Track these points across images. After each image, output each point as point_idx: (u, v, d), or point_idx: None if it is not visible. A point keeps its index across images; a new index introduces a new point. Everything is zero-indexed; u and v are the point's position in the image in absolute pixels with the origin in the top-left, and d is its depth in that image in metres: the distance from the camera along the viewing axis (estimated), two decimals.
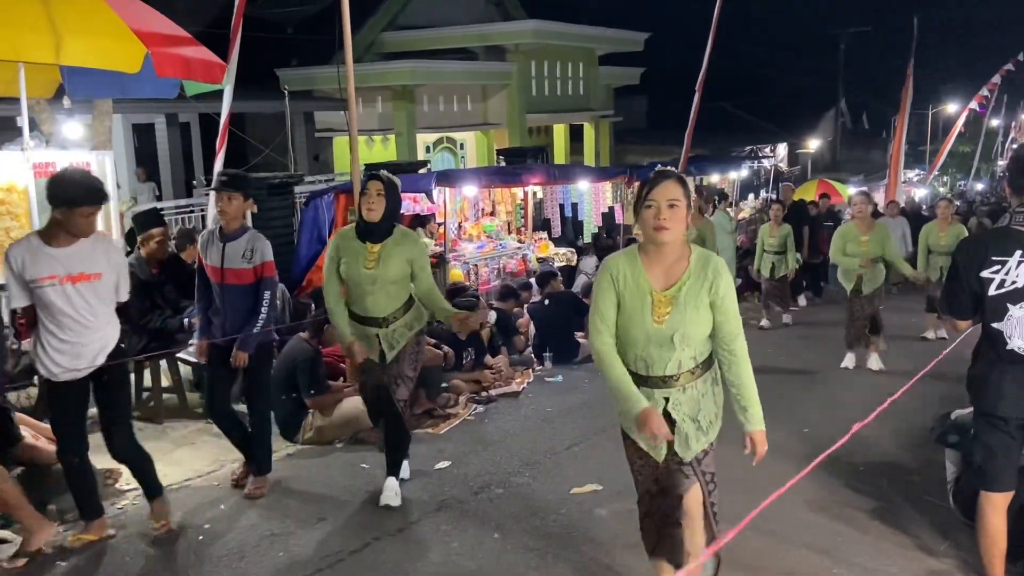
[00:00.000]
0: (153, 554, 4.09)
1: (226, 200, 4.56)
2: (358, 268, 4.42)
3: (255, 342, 4.64)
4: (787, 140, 30.83)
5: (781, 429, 5.85)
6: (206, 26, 11.87)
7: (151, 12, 5.60)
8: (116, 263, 4.05)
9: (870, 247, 7.33)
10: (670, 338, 2.95)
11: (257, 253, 4.61)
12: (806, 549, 3.99)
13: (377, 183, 4.41)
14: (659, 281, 2.97)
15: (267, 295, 4.63)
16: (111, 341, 4.03)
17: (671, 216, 2.89)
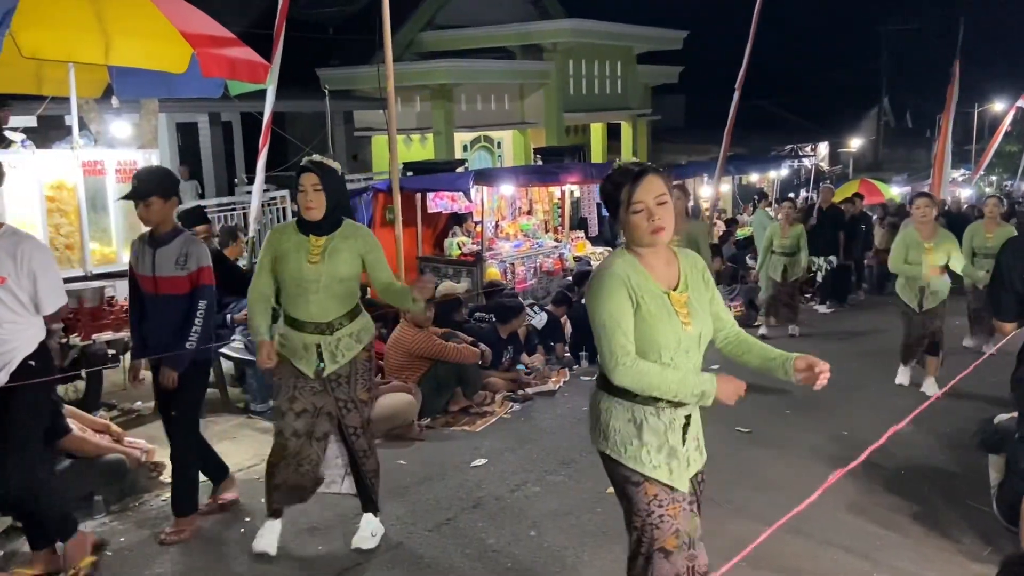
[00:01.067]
0: (195, 547, 4.17)
1: (143, 208, 4.04)
2: (300, 263, 3.80)
3: (188, 359, 4.05)
4: (828, 139, 30.41)
5: (820, 433, 5.82)
6: (248, 26, 12.04)
7: (197, 13, 5.72)
8: (31, 266, 3.50)
9: (935, 254, 6.59)
10: (697, 340, 2.75)
11: (192, 259, 4.08)
12: (845, 552, 3.96)
13: (311, 176, 3.77)
14: (664, 284, 2.72)
15: (202, 305, 4.09)
16: (15, 358, 3.52)
17: (665, 214, 2.64)
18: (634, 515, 2.74)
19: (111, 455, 4.71)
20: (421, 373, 6.26)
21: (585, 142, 21.32)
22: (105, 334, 5.60)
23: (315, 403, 3.92)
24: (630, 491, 2.74)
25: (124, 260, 5.98)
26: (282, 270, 3.85)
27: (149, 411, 6.14)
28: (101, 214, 5.83)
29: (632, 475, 2.73)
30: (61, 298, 3.68)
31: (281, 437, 3.93)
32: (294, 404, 3.90)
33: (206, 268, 4.11)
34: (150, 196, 4.00)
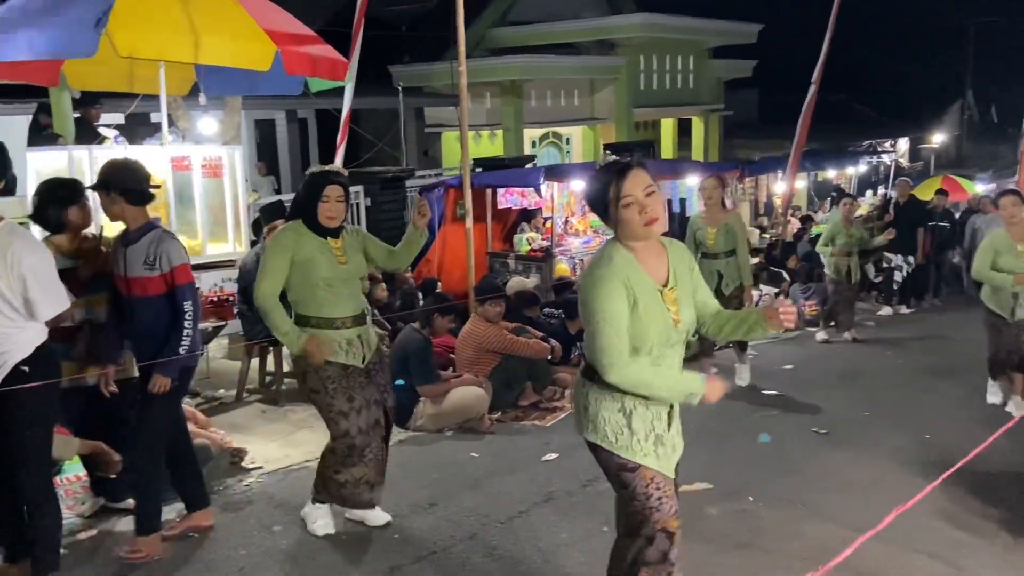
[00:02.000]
0: (276, 530, 4.29)
1: (105, 200, 3.84)
2: (332, 264, 3.89)
3: (179, 366, 3.83)
4: (909, 134, 29.47)
5: (900, 435, 5.67)
6: (324, 25, 12.29)
7: (280, 12, 5.87)
8: (20, 268, 3.26)
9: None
10: (684, 334, 2.78)
11: (162, 257, 3.79)
12: (929, 557, 3.86)
13: (338, 188, 3.88)
14: (656, 279, 2.75)
15: (187, 307, 3.81)
16: (7, 362, 3.33)
17: (655, 205, 2.67)
18: (633, 500, 2.82)
19: (196, 440, 4.87)
20: (492, 367, 6.31)
21: (655, 138, 21.11)
22: None
23: (366, 396, 4.03)
24: (626, 478, 2.80)
25: (209, 252, 6.19)
26: (308, 272, 3.87)
27: (230, 399, 6.36)
28: (188, 208, 6.04)
29: (627, 463, 2.79)
30: (59, 303, 3.43)
31: (348, 438, 3.98)
32: (354, 402, 3.97)
33: (181, 267, 3.80)
34: (108, 190, 3.81)
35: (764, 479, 4.91)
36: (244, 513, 4.48)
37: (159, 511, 4.00)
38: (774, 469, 5.10)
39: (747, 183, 13.77)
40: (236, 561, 3.98)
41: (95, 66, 5.90)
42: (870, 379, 7.18)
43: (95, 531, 4.25)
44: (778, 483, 4.85)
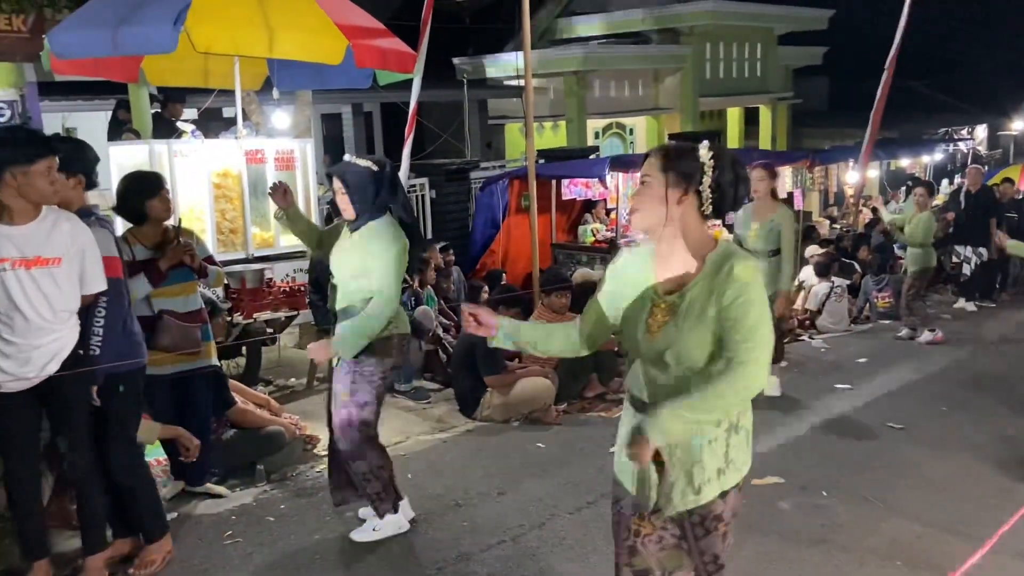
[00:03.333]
0: (348, 515, 4.36)
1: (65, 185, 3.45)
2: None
3: (103, 374, 3.47)
4: (987, 121, 28.39)
5: (981, 432, 5.50)
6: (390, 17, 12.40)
7: (350, 5, 5.94)
8: (80, 246, 3.28)
9: None
10: (662, 355, 2.33)
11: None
12: (1013, 557, 3.72)
13: (337, 182, 3.84)
14: (663, 284, 2.39)
15: (101, 302, 3.43)
16: (67, 346, 3.32)
17: (639, 195, 2.37)
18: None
19: (271, 427, 5.00)
20: (558, 359, 6.31)
21: (721, 127, 20.77)
22: (264, 313, 5.94)
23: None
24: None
25: (282, 244, 6.32)
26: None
27: (302, 387, 6.49)
28: (261, 200, 6.17)
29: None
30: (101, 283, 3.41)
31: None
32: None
33: (104, 259, 3.43)
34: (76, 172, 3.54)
35: (837, 474, 4.81)
36: (316, 499, 4.56)
37: (161, 512, 3.91)
38: (847, 464, 4.99)
39: (816, 172, 13.45)
40: (310, 546, 4.07)
41: (172, 62, 6.07)
42: (946, 374, 6.96)
43: (176, 514, 4.38)
44: (852, 478, 4.75)
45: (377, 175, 3.83)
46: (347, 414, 3.90)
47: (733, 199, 2.34)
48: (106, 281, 3.42)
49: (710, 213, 2.33)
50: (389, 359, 3.93)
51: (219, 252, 5.88)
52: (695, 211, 2.32)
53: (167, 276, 4.22)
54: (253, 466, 4.86)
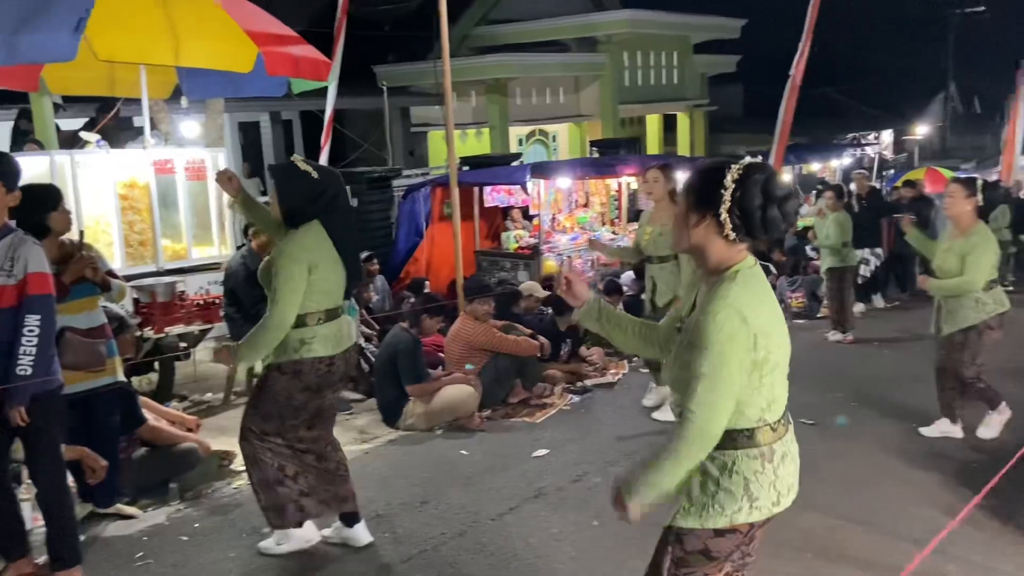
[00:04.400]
0: (266, 532, 4.26)
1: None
2: None
3: (28, 391, 3.36)
4: (893, 126, 29.62)
5: (888, 426, 5.71)
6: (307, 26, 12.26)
7: (261, 13, 5.85)
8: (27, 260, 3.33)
9: (947, 259, 5.18)
10: (668, 379, 2.39)
11: (19, 263, 3.39)
12: (915, 544, 3.88)
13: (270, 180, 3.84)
14: (688, 307, 2.40)
15: (33, 321, 3.34)
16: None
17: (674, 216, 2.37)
18: None
19: (184, 444, 4.87)
20: (481, 365, 6.31)
21: (641, 134, 21.15)
22: (177, 327, 5.79)
23: None
24: None
25: (194, 256, 6.17)
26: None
27: (218, 402, 6.34)
28: (172, 211, 6.01)
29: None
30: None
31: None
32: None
33: (37, 275, 3.38)
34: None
35: None
36: (233, 516, 4.47)
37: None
38: None
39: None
40: (225, 564, 3.98)
41: (75, 71, 5.87)
42: (854, 371, 7.20)
43: (84, 536, 4.21)
44: None
45: (314, 183, 3.70)
46: (245, 422, 3.86)
47: (762, 222, 2.20)
48: (42, 299, 3.36)
49: (738, 237, 2.22)
50: (298, 383, 3.75)
51: (127, 265, 5.70)
52: (716, 235, 2.23)
53: (70, 291, 4.07)
54: (166, 484, 4.73)
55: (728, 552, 2.33)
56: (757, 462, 2.26)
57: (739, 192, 2.19)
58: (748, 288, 2.21)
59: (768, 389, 2.25)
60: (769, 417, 2.27)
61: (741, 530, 2.30)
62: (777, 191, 2.21)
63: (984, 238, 5.09)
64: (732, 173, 2.20)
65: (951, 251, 5.15)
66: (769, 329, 2.21)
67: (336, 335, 3.80)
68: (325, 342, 3.75)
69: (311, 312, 3.71)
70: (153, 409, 5.07)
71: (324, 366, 3.78)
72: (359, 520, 4.08)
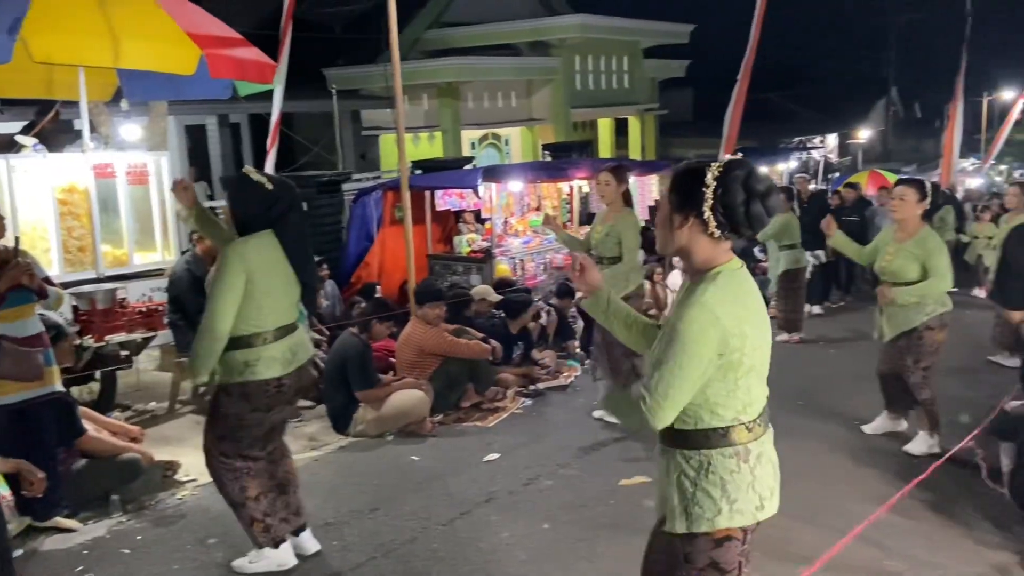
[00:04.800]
0: (211, 543, 4.21)
1: None
2: None
3: None
4: (837, 130, 30.30)
5: (833, 423, 5.82)
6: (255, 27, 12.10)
7: (204, 14, 5.74)
8: None
9: (895, 262, 5.06)
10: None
11: None
12: (858, 540, 3.95)
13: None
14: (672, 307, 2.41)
15: None
16: None
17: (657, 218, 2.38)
18: None
19: (126, 455, 4.75)
20: (432, 370, 6.29)
21: (593, 137, 21.30)
22: (118, 335, 5.65)
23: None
24: None
25: (136, 262, 6.03)
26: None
27: (163, 411, 6.21)
28: (112, 216, 5.86)
29: None
30: None
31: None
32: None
33: None
34: None
35: None
36: (177, 527, 4.38)
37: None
38: None
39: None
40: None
41: (11, 72, 5.67)
42: (801, 371, 7.31)
43: (21, 551, 4.10)
44: None
45: (267, 194, 3.61)
46: (205, 442, 3.78)
47: (746, 217, 2.21)
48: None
49: (723, 234, 2.23)
50: (247, 404, 3.65)
51: (66, 272, 5.54)
52: (702, 234, 2.24)
53: (5, 299, 3.95)
54: (107, 497, 4.62)
55: (734, 561, 2.33)
56: (732, 461, 2.27)
57: (721, 190, 2.21)
58: (726, 289, 2.22)
59: (744, 392, 2.25)
60: (744, 417, 2.28)
61: (736, 536, 2.30)
62: (758, 186, 2.23)
63: (938, 240, 5.02)
64: (712, 171, 2.22)
65: (900, 254, 5.00)
66: (744, 331, 2.20)
67: (285, 354, 3.68)
68: (271, 364, 3.63)
69: (257, 332, 3.60)
70: (94, 419, 4.95)
71: (272, 387, 3.67)
72: (305, 529, 4.02)
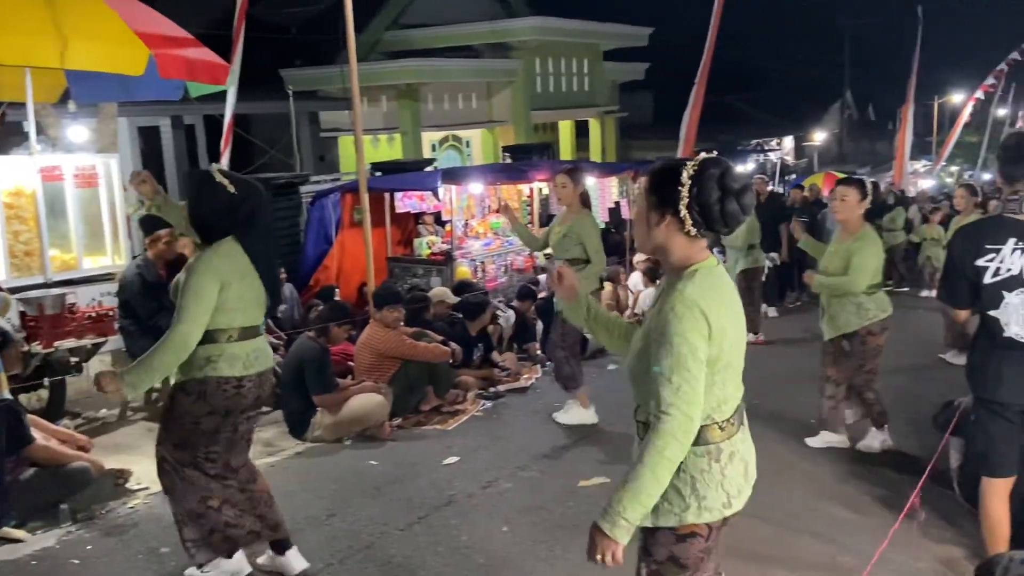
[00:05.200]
0: (164, 552, 4.13)
1: None
2: None
3: None
4: (793, 133, 30.77)
5: (788, 421, 5.88)
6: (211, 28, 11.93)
7: (153, 14, 5.65)
8: None
9: (833, 261, 5.12)
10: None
11: None
12: (812, 537, 4.01)
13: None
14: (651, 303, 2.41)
15: None
16: None
17: (635, 218, 2.39)
18: None
19: (76, 463, 4.65)
20: (392, 373, 6.24)
21: (554, 140, 21.38)
22: (67, 341, 5.53)
23: None
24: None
25: (85, 267, 5.91)
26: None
27: (114, 419, 6.08)
28: (60, 220, 5.74)
29: None
30: None
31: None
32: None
33: None
34: None
35: None
36: (128, 537, 4.29)
37: None
38: None
39: (642, 182, 14.06)
40: None
41: None
42: (756, 371, 7.38)
43: None
44: None
45: (231, 197, 3.46)
46: (159, 451, 3.61)
47: (721, 215, 2.22)
48: None
49: (699, 232, 2.23)
50: (204, 405, 3.50)
51: (12, 277, 5.42)
52: (679, 232, 2.25)
53: None
54: (56, 506, 4.50)
55: (696, 558, 2.32)
56: (704, 460, 2.27)
57: (696, 188, 2.21)
58: (706, 286, 2.23)
59: (720, 387, 2.26)
60: (718, 416, 2.27)
61: (700, 532, 2.30)
62: (733, 184, 2.23)
63: (870, 241, 5.02)
64: (688, 170, 2.22)
65: (837, 253, 5.07)
66: (725, 327, 2.22)
67: (248, 355, 3.57)
68: (233, 361, 3.51)
69: (222, 328, 3.48)
70: (42, 428, 4.83)
71: (231, 387, 3.52)
72: (291, 547, 3.86)
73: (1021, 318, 3.21)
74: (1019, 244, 3.20)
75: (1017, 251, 3.20)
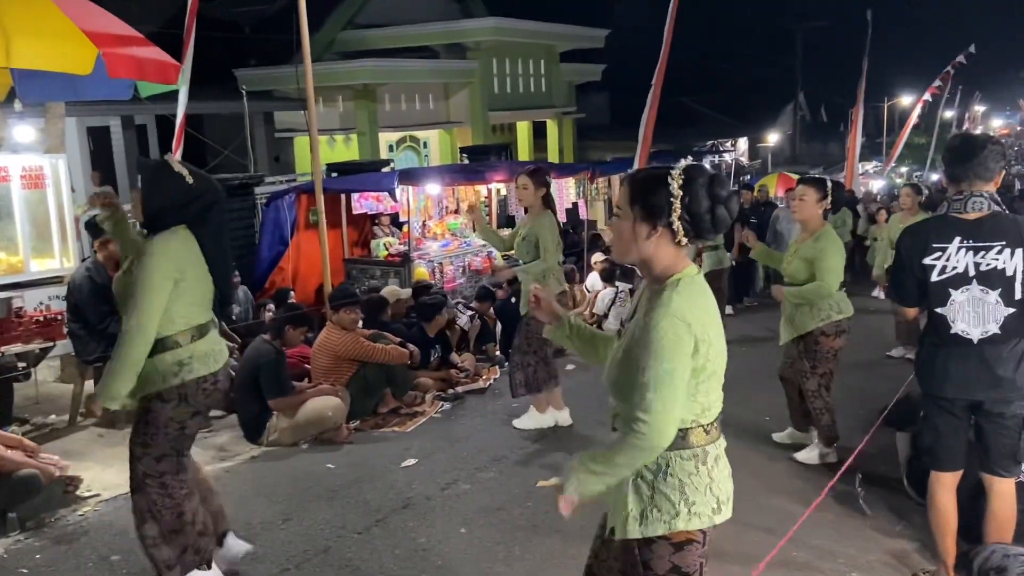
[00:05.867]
0: (115, 560, 4.05)
1: None
2: None
3: None
4: (747, 134, 31.20)
5: (742, 417, 5.95)
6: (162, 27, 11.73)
7: (101, 12, 5.52)
8: None
9: (794, 263, 5.04)
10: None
11: None
12: (765, 532, 4.07)
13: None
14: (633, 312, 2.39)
15: None
16: None
17: (614, 227, 2.37)
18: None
19: (24, 470, 4.53)
20: (349, 375, 6.20)
21: (512, 140, 21.39)
22: (14, 346, 5.39)
23: None
24: None
25: (32, 270, 5.77)
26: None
27: (63, 424, 5.95)
28: (6, 222, 5.59)
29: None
30: None
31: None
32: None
33: None
34: None
35: None
36: (79, 545, 4.20)
37: None
38: None
39: (600, 183, 14.15)
40: None
41: None
42: None
43: None
44: None
45: (187, 188, 3.40)
46: (139, 469, 3.45)
47: (712, 223, 2.22)
48: None
49: (690, 240, 2.23)
50: (187, 408, 3.42)
51: None
52: (668, 243, 2.24)
53: None
54: (4, 514, 4.39)
55: (695, 564, 2.31)
56: (691, 463, 2.26)
57: (688, 198, 2.20)
58: (689, 296, 2.21)
59: (703, 395, 2.25)
60: (703, 420, 2.27)
61: (696, 539, 2.29)
62: (722, 192, 2.23)
63: (831, 241, 4.94)
64: (676, 180, 2.21)
65: (797, 254, 5.01)
66: (709, 336, 2.21)
67: (213, 350, 3.51)
68: (205, 359, 3.45)
69: (182, 330, 3.40)
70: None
71: (210, 385, 3.47)
72: (227, 534, 3.79)
73: (967, 315, 3.30)
74: (964, 243, 3.29)
75: (962, 250, 3.29)
